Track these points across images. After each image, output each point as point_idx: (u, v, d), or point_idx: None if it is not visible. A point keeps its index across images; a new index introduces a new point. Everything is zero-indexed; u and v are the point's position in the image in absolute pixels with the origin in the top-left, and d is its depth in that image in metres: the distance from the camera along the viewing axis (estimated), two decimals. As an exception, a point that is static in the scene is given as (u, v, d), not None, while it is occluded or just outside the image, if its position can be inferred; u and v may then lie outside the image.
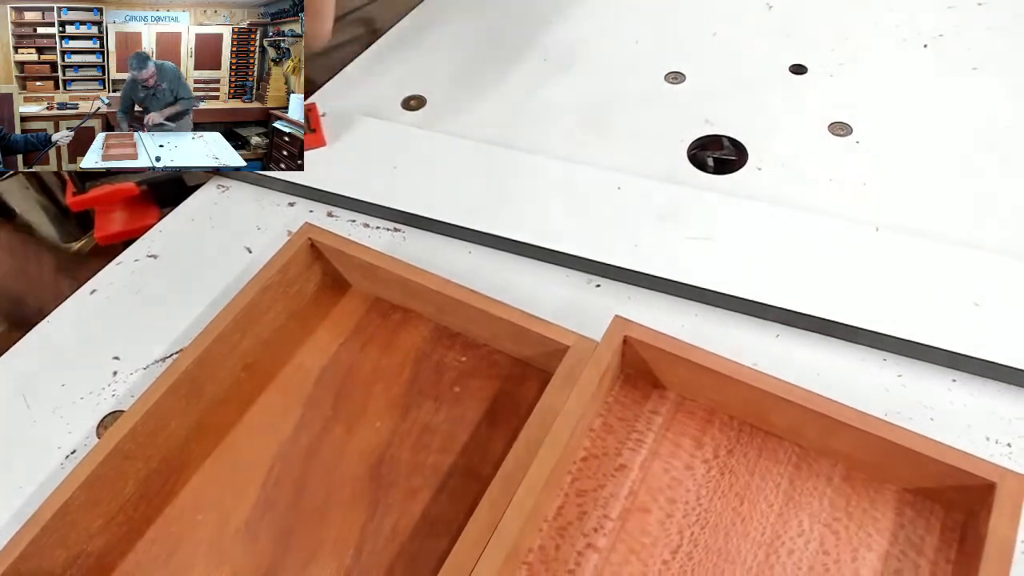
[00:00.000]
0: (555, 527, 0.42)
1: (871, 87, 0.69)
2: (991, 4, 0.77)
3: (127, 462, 0.43)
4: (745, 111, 0.67)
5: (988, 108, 0.66)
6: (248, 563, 0.42)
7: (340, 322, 0.52)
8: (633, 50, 0.75)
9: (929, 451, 0.39)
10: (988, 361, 0.47)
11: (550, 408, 0.41)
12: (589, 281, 0.55)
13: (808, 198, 0.59)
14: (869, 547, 0.40)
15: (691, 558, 0.40)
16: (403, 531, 0.42)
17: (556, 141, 0.66)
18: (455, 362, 0.50)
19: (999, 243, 0.54)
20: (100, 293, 0.57)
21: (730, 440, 0.45)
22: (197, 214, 0.63)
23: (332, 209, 0.62)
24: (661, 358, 0.44)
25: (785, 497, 0.42)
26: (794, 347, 0.50)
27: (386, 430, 0.47)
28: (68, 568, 0.41)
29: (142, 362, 0.52)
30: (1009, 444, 0.45)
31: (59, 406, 0.50)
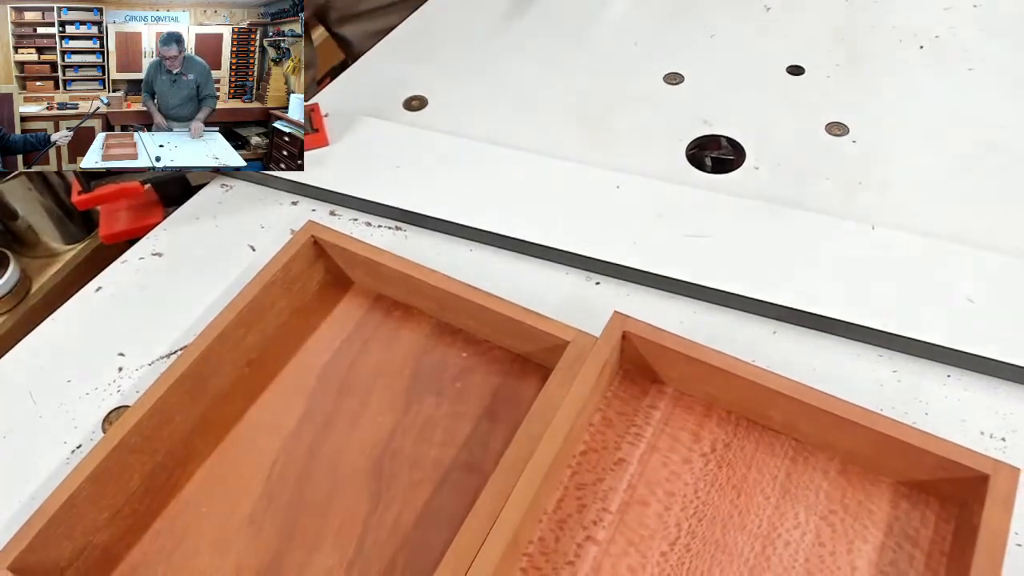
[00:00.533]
0: (555, 519, 0.42)
1: (868, 88, 0.69)
2: (987, 5, 0.77)
3: (133, 456, 0.44)
4: (743, 111, 0.68)
5: (984, 108, 0.66)
6: (252, 555, 0.42)
7: (343, 319, 0.53)
8: (632, 51, 0.76)
9: (923, 444, 0.39)
10: (983, 357, 0.47)
11: (550, 403, 0.42)
12: (589, 278, 0.56)
13: (805, 197, 0.60)
14: (865, 539, 0.41)
15: (689, 550, 0.41)
16: (405, 523, 0.43)
17: (556, 141, 0.66)
18: (456, 358, 0.50)
19: (993, 240, 0.55)
20: (105, 291, 0.58)
21: (727, 434, 0.45)
22: (201, 213, 0.63)
23: (334, 208, 0.63)
24: (660, 354, 0.45)
25: (782, 490, 0.43)
26: (791, 343, 0.51)
27: (388, 424, 0.47)
28: (75, 560, 0.42)
29: (147, 358, 0.53)
30: (1003, 438, 0.45)
31: (65, 402, 0.51)
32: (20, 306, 1.02)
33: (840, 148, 0.64)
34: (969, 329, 0.48)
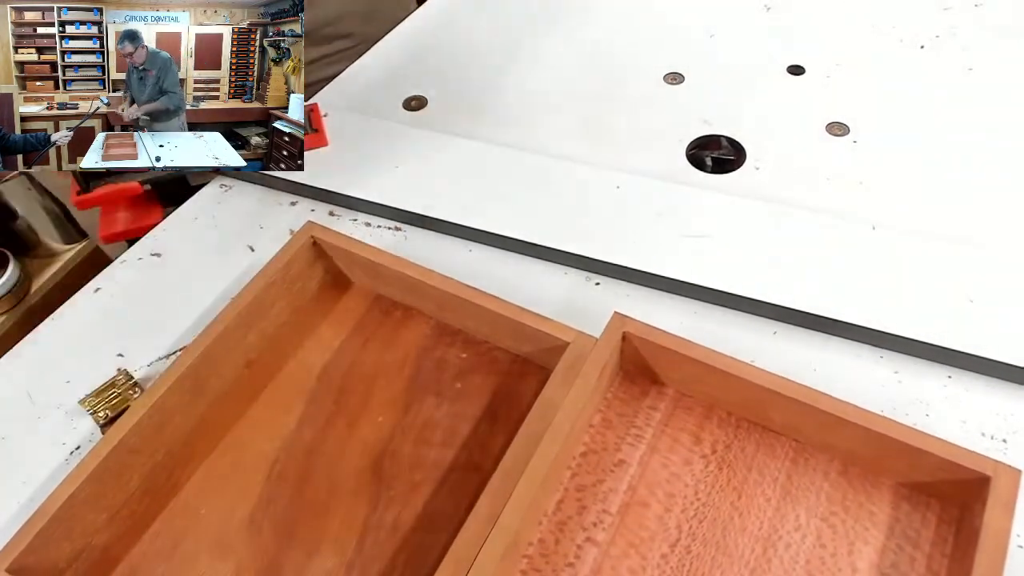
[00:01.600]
0: (555, 521, 0.42)
1: (868, 88, 0.69)
2: (987, 5, 0.77)
3: (132, 456, 0.43)
4: (743, 111, 0.68)
5: (983, 108, 0.66)
6: (252, 556, 0.42)
7: (342, 319, 0.53)
8: (632, 51, 0.76)
9: (925, 446, 0.39)
10: (984, 357, 0.47)
11: (550, 404, 0.42)
12: (588, 279, 0.55)
13: (806, 197, 0.60)
14: (866, 541, 0.41)
15: (689, 552, 0.41)
16: (405, 524, 0.43)
17: (556, 141, 0.66)
18: (456, 358, 0.50)
19: (993, 241, 0.55)
20: (105, 291, 0.58)
21: (728, 435, 0.45)
22: (200, 213, 0.63)
23: (334, 208, 0.62)
24: (660, 354, 0.45)
25: (782, 492, 0.43)
26: (791, 344, 0.51)
27: (388, 425, 0.47)
28: (74, 561, 0.42)
29: (146, 359, 0.53)
30: (1004, 440, 0.45)
31: (64, 402, 0.51)
32: (19, 306, 1.02)
33: (840, 148, 0.64)
34: (970, 329, 0.48)
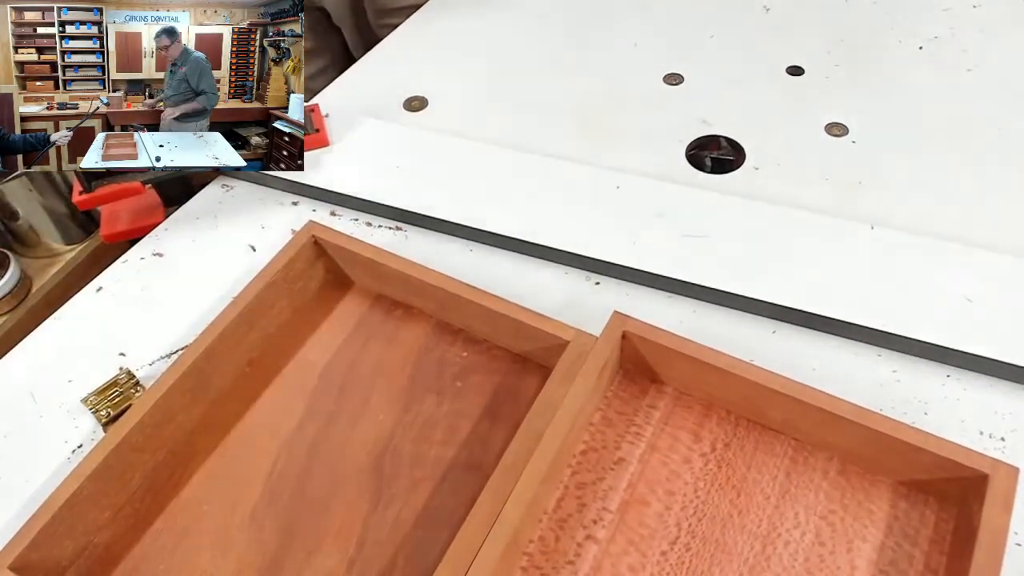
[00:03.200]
0: (555, 519, 0.42)
1: (868, 88, 0.70)
2: (986, 6, 0.78)
3: (134, 454, 0.44)
4: (743, 112, 0.68)
5: (982, 109, 0.66)
6: (253, 553, 0.43)
7: (343, 318, 0.53)
8: (632, 52, 0.76)
9: (923, 444, 0.39)
10: (982, 356, 0.47)
11: (550, 402, 0.42)
12: (588, 278, 0.56)
13: (805, 197, 0.60)
14: (864, 538, 0.41)
15: (689, 549, 0.41)
16: (405, 522, 0.43)
17: (556, 141, 0.67)
18: (456, 357, 0.50)
19: (991, 240, 0.55)
20: (106, 291, 0.58)
21: (727, 434, 0.45)
22: (202, 213, 0.63)
23: (335, 208, 0.63)
24: (659, 353, 0.45)
25: (781, 490, 0.43)
26: (790, 343, 0.51)
27: (389, 423, 0.47)
28: (76, 559, 0.42)
29: (148, 358, 0.53)
30: (1003, 438, 0.45)
31: (65, 402, 0.51)
32: (21, 306, 1.02)
33: (840, 148, 0.64)
34: (968, 329, 0.48)
